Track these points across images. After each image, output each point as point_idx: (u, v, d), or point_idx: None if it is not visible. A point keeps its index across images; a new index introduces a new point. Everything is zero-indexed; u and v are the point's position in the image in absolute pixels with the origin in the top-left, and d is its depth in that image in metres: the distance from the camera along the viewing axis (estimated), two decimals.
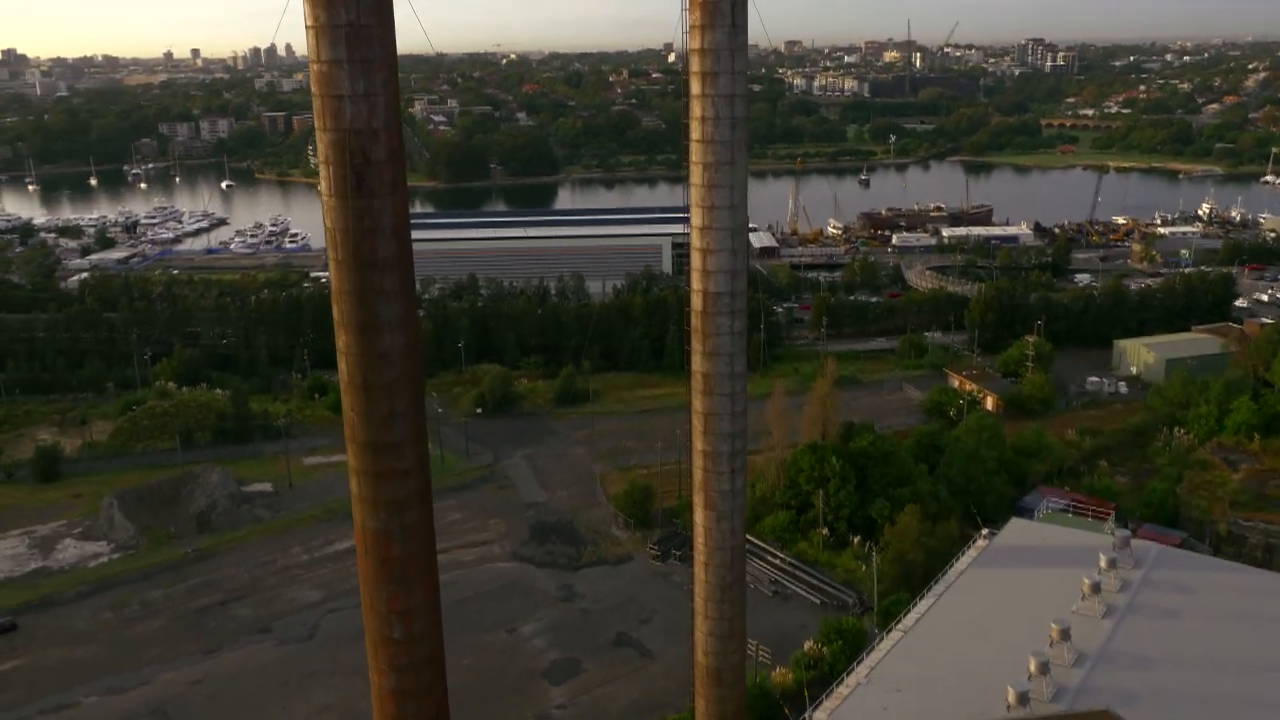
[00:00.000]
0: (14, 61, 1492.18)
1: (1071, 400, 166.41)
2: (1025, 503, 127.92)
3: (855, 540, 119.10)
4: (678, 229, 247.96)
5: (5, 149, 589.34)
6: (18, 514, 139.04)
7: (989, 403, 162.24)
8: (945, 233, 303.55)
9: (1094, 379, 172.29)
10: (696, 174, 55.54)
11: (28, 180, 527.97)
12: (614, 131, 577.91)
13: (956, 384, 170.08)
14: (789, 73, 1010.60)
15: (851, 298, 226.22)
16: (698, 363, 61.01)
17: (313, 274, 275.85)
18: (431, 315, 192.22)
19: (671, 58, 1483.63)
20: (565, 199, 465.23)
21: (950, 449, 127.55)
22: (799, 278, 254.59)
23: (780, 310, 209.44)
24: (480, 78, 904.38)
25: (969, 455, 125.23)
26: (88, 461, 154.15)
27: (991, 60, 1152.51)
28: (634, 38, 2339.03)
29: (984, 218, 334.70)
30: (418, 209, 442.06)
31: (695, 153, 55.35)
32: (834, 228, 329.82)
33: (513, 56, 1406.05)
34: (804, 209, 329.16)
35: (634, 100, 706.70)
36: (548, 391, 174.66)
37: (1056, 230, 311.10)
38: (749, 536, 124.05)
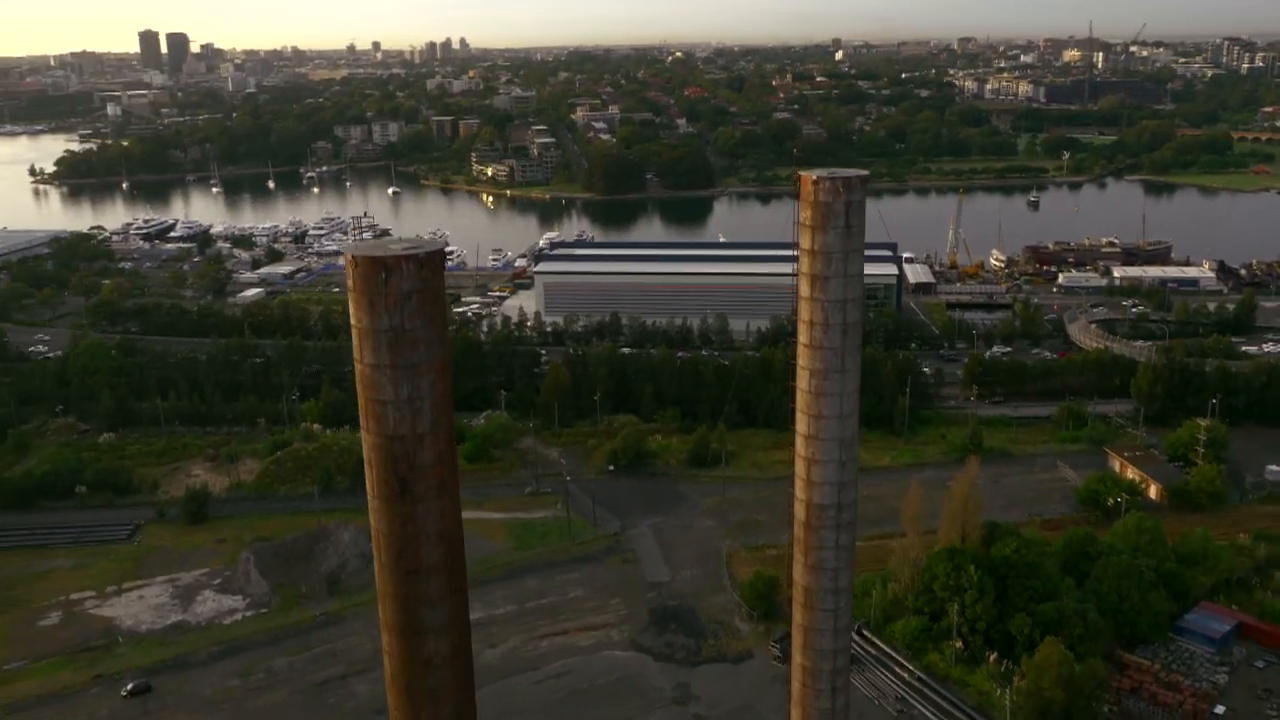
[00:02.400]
0: (210, 56, 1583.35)
1: (1247, 493, 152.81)
2: (1186, 622, 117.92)
3: (991, 657, 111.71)
4: None
5: (195, 150, 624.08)
6: (166, 558, 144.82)
7: (1152, 491, 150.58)
8: (1117, 273, 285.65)
9: (1275, 468, 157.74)
10: (803, 379, 51.32)
11: (212, 182, 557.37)
12: (773, 141, 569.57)
13: (1117, 466, 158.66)
14: (960, 74, 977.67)
15: (1007, 352, 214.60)
16: (799, 573, 56.63)
17: (464, 298, 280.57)
18: (570, 363, 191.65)
19: (839, 55, 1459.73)
20: (720, 213, 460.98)
21: (1103, 562, 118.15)
22: (954, 320, 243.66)
23: (929, 371, 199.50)
24: (643, 79, 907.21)
25: (1123, 571, 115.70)
26: (234, 503, 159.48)
27: (1181, 60, 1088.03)
28: (801, 32, 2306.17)
29: (1161, 255, 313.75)
30: (574, 221, 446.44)
31: (803, 357, 51.15)
32: (996, 260, 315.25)
33: (678, 54, 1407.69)
34: (964, 241, 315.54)
35: (796, 106, 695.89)
36: (681, 450, 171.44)
37: (1242, 271, 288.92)
38: (875, 640, 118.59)
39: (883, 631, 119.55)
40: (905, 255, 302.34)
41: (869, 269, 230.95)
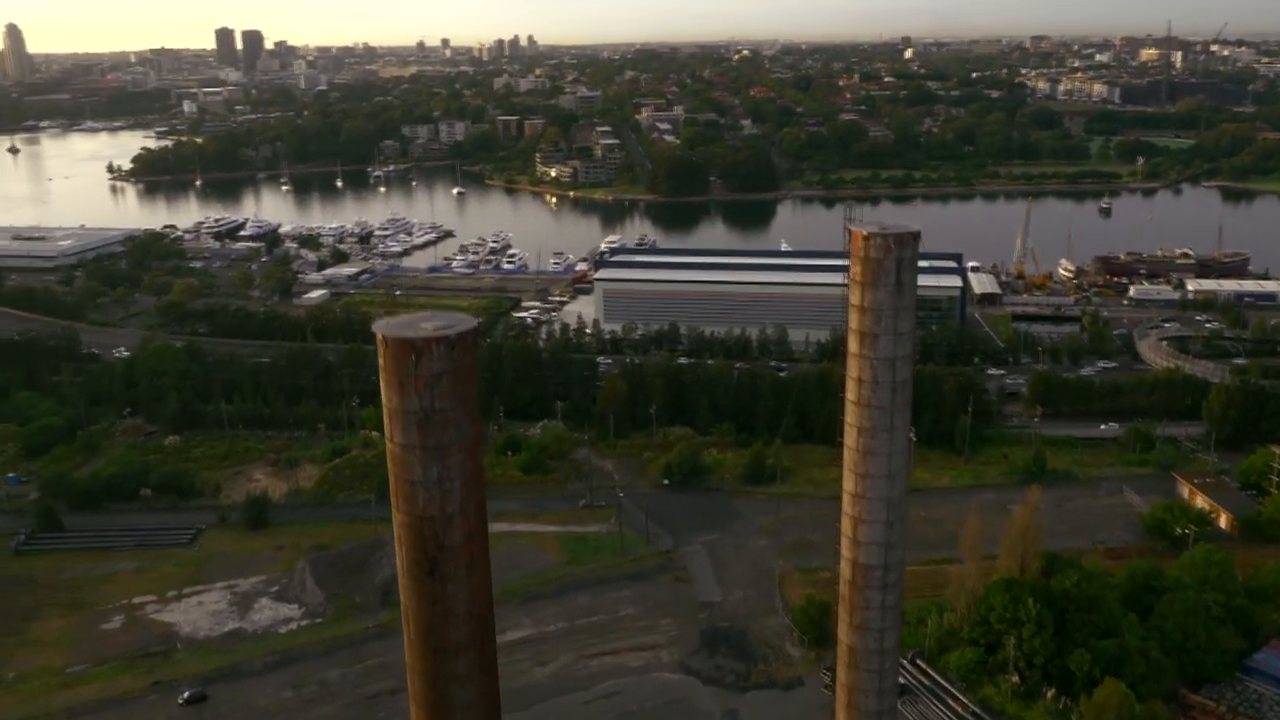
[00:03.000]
0: (284, 53, 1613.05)
1: None
2: (1255, 662, 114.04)
3: (1049, 694, 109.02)
4: None
5: (267, 148, 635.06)
6: (225, 563, 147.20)
7: (1222, 521, 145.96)
8: (1191, 286, 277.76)
9: None
10: (851, 436, 50.16)
11: (282, 180, 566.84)
12: (839, 143, 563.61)
13: (1185, 493, 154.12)
14: (1032, 74, 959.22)
15: (1074, 371, 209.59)
16: (843, 632, 55.44)
17: (525, 302, 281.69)
18: (626, 374, 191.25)
19: (909, 53, 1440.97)
20: (783, 217, 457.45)
21: (1168, 597, 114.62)
22: (1021, 333, 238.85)
23: (991, 390, 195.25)
24: (709, 78, 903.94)
25: (1189, 608, 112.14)
26: (293, 509, 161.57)
27: (1264, 60, 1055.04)
28: (870, 29, 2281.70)
29: (1238, 268, 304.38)
30: (636, 223, 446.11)
31: (851, 414, 50.02)
32: (1065, 270, 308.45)
33: (744, 53, 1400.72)
34: (1032, 250, 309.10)
35: (863, 107, 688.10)
36: (736, 465, 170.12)
37: None
38: (929, 670, 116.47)
39: (937, 662, 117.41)
40: (971, 264, 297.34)
41: (931, 280, 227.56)
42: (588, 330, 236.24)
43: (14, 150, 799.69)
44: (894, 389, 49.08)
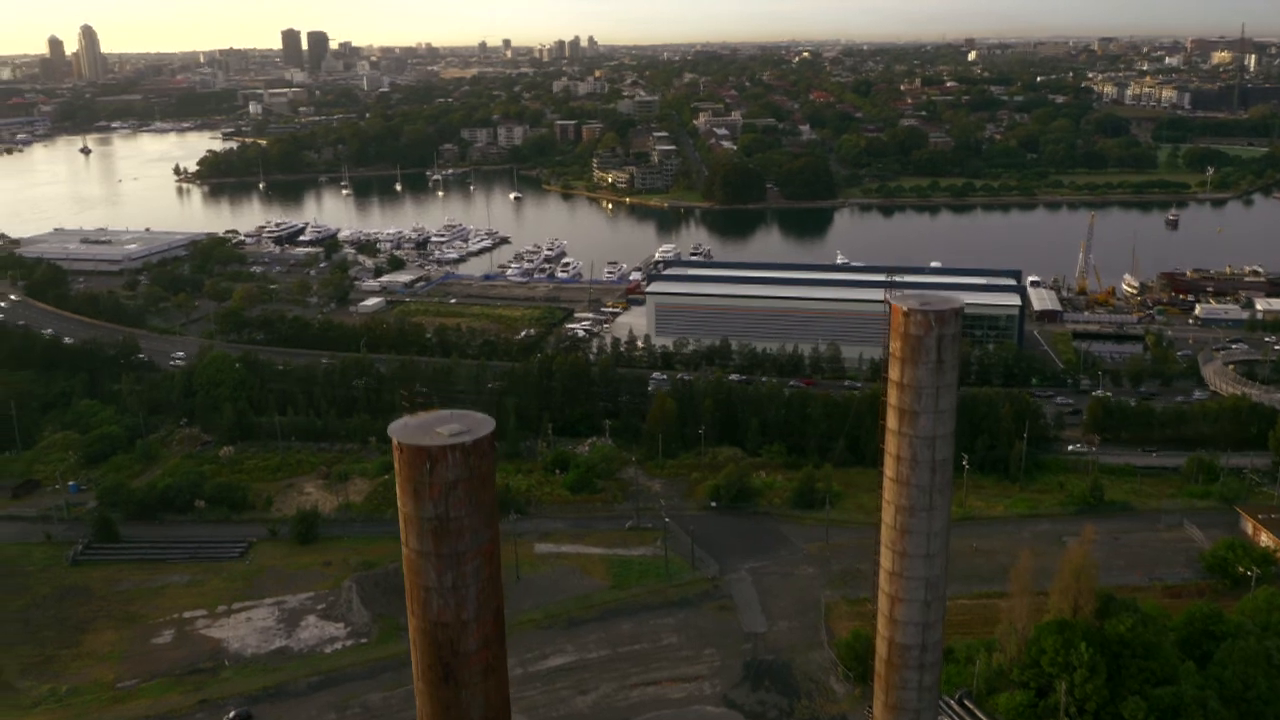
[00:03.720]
0: (348, 54, 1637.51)
1: None
2: None
3: None
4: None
5: (328, 151, 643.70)
6: (275, 578, 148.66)
7: None
8: (1260, 305, 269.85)
9: None
10: (889, 514, 48.82)
11: (343, 183, 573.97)
12: (899, 150, 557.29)
13: (1249, 529, 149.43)
14: (1098, 78, 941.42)
15: (1137, 396, 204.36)
16: (879, 710, 54.06)
17: (578, 313, 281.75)
18: (676, 393, 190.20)
19: (972, 55, 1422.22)
20: (840, 226, 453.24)
21: (1228, 644, 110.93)
22: (1080, 353, 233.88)
23: (1048, 414, 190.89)
24: (768, 82, 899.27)
25: (1250, 656, 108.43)
26: (342, 524, 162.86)
27: None
28: (934, 29, 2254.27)
29: None
30: (691, 231, 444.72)
31: (889, 491, 48.67)
32: (1128, 286, 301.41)
33: (805, 55, 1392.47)
34: (1094, 266, 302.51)
35: (924, 113, 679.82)
36: (785, 488, 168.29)
37: None
38: (977, 713, 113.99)
39: (985, 703, 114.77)
40: (1031, 279, 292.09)
41: (989, 298, 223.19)
42: (639, 344, 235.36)
43: (86, 151, 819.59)
44: (934, 468, 47.64)
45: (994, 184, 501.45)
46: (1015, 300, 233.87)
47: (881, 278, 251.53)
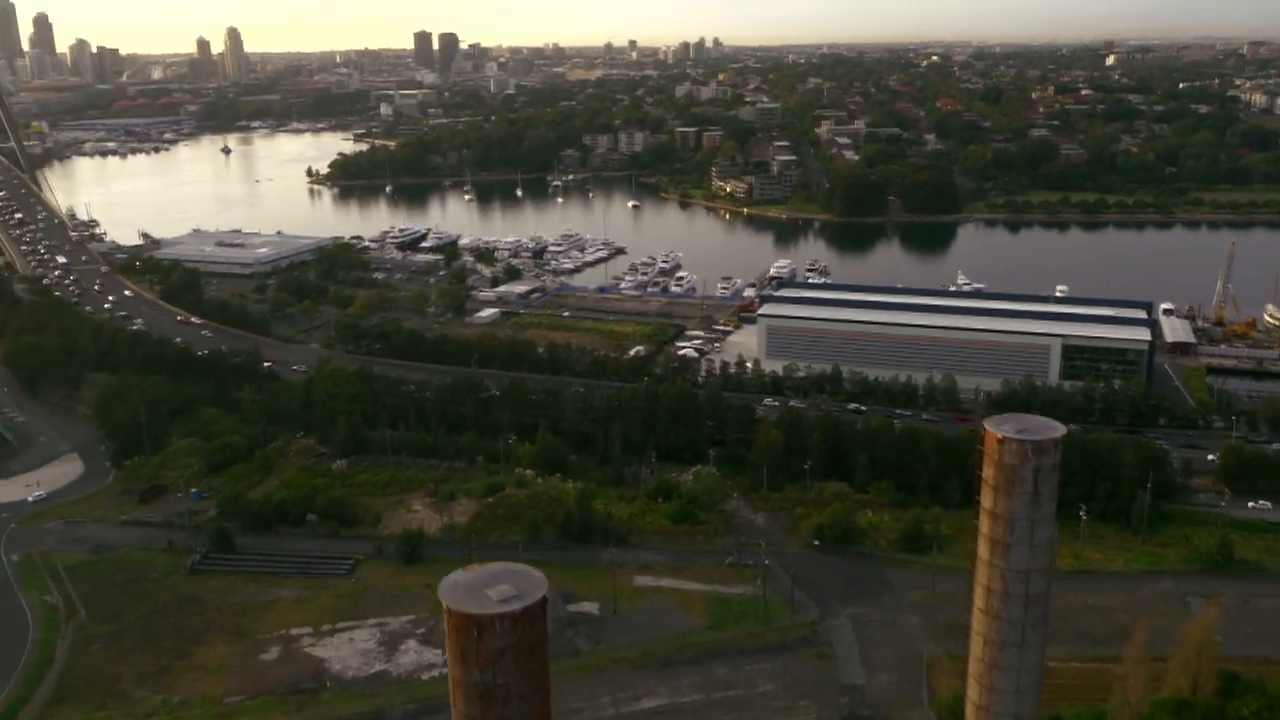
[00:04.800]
0: (477, 55, 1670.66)
1: None
2: None
3: None
4: (1071, 329, 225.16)
5: (453, 154, 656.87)
6: (378, 598, 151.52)
7: None
8: None
9: None
10: (977, 645, 46.34)
11: (465, 188, 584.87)
12: (1028, 162, 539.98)
13: None
14: (1246, 86, 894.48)
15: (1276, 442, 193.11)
16: None
17: (689, 331, 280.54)
18: (782, 423, 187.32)
19: (1111, 59, 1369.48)
20: (963, 242, 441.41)
21: None
22: (1215, 390, 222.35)
23: (1176, 459, 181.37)
24: (894, 87, 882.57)
25: None
26: (446, 545, 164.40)
27: None
28: (1072, 30, 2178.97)
29: None
30: (809, 243, 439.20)
31: (978, 621, 46.20)
32: (1271, 318, 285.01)
33: (934, 58, 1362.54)
34: (1234, 295, 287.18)
35: (1056, 122, 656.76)
36: (892, 530, 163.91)
37: None
38: None
39: None
40: (1164, 307, 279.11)
41: (1116, 331, 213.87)
42: (749, 365, 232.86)
43: (226, 150, 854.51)
44: (1026, 603, 44.99)
45: (1128, 200, 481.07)
46: (1145, 335, 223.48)
47: (1003, 305, 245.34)
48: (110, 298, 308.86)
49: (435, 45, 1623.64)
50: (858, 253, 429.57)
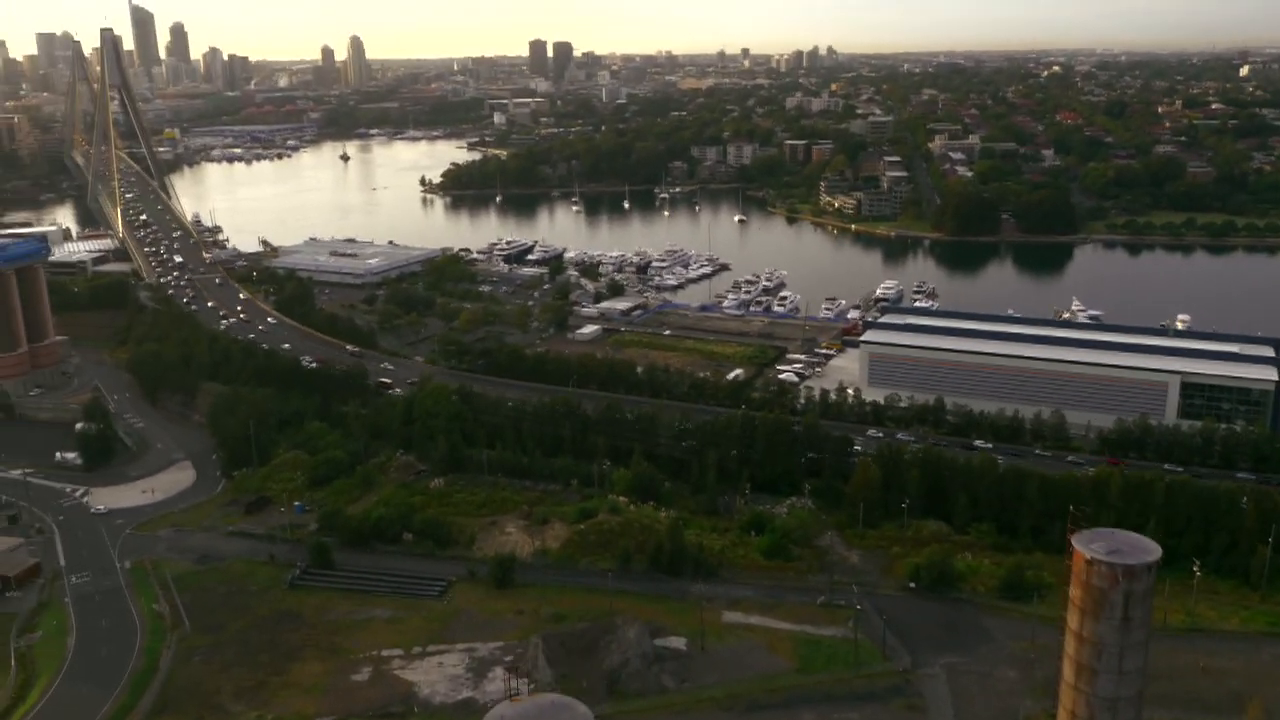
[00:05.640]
0: (590, 64, 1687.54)
1: None
2: None
3: None
4: (1191, 365, 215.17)
5: (562, 165, 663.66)
6: (469, 623, 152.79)
7: None
8: None
9: None
10: None
11: (574, 199, 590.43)
12: (1151, 181, 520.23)
13: None
14: None
15: None
16: None
17: (790, 354, 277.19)
18: (882, 459, 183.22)
19: (1244, 70, 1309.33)
20: (1080, 264, 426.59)
21: None
22: None
23: None
24: (1012, 99, 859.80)
25: None
26: (538, 570, 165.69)
27: None
28: (1203, 38, 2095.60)
29: None
30: (918, 262, 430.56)
31: None
32: None
33: (1055, 68, 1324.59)
34: None
35: (1184, 138, 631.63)
36: (992, 575, 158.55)
37: None
38: None
39: None
40: None
41: (1240, 370, 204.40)
42: (849, 391, 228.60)
43: (345, 158, 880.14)
44: None
45: (1259, 223, 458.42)
46: (1272, 374, 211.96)
47: (1118, 338, 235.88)
48: (223, 313, 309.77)
49: (550, 53, 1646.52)
50: (968, 273, 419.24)
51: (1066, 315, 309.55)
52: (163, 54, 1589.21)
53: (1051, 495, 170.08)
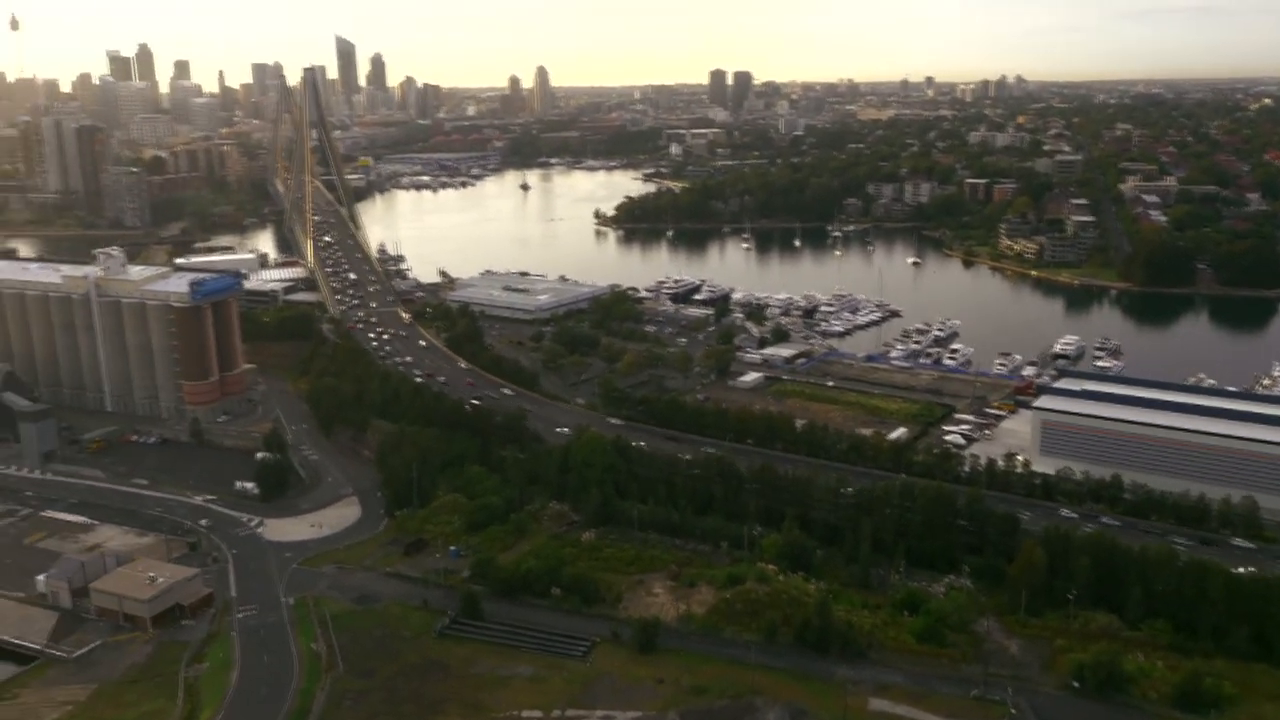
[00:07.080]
0: (769, 93, 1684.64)
1: None
2: None
3: None
4: None
5: (735, 201, 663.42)
6: (609, 687, 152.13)
7: None
8: None
9: None
10: None
11: (744, 236, 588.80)
12: None
13: None
14: None
15: None
16: None
17: (957, 413, 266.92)
18: (1048, 540, 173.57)
19: None
20: None
21: None
22: None
23: None
24: (1215, 136, 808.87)
25: None
26: (681, 636, 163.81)
27: None
28: None
29: None
30: (1102, 313, 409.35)
31: None
32: None
33: (1266, 101, 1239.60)
34: None
35: None
36: (1167, 680, 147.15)
37: None
38: None
39: None
40: None
41: None
42: (1018, 459, 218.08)
43: (525, 187, 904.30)
44: None
45: None
46: None
47: None
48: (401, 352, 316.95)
49: (729, 81, 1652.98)
50: (1157, 328, 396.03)
51: (1267, 382, 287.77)
52: (363, 82, 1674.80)
53: (1238, 594, 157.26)
